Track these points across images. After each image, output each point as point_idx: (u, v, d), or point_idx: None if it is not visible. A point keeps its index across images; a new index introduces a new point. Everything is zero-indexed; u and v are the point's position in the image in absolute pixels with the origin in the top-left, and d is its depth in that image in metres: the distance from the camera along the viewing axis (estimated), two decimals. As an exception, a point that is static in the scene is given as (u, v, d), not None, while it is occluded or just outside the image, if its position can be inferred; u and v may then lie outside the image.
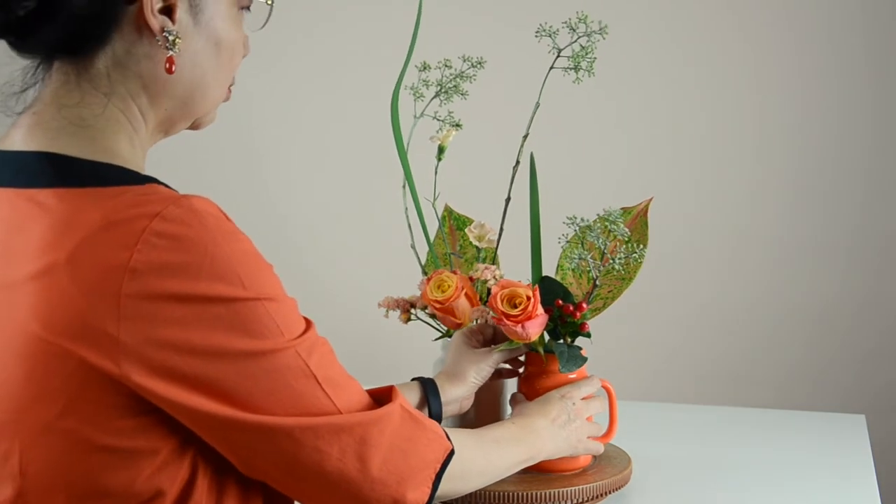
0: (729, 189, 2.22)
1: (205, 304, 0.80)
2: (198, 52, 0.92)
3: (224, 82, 0.97)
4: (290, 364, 0.85)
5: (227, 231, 0.83)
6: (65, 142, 0.86)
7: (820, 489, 1.37)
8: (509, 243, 1.44)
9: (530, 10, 1.63)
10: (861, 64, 2.14)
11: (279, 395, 0.84)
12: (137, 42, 0.89)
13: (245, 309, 0.82)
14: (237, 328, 0.81)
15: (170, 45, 0.89)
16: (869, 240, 2.16)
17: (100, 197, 0.82)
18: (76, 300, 0.78)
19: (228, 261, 0.82)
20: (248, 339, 0.82)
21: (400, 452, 0.91)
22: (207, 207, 0.84)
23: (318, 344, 0.89)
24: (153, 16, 0.88)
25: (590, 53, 1.34)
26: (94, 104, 0.89)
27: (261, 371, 0.83)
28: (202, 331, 0.80)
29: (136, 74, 0.90)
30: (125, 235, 0.79)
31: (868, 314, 2.17)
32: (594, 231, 1.30)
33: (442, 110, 1.43)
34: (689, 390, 2.19)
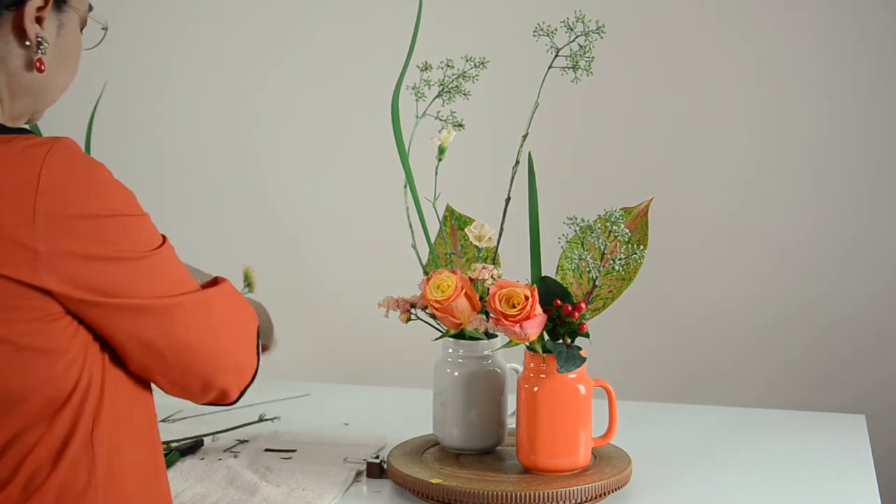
0: (729, 189, 2.22)
1: (98, 221, 0.96)
2: (53, 60, 1.06)
3: (65, 88, 1.11)
4: (162, 262, 1.03)
5: (96, 162, 0.99)
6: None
7: (820, 489, 1.37)
8: (509, 243, 1.44)
9: (528, 10, 1.63)
10: (863, 63, 2.14)
11: (157, 283, 1.02)
12: (10, 42, 1.02)
13: (126, 223, 0.99)
14: (123, 238, 0.98)
15: (41, 49, 1.03)
16: (869, 239, 2.16)
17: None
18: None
19: (105, 185, 0.98)
20: (132, 246, 0.99)
21: (236, 324, 1.11)
22: (76, 146, 0.99)
23: (171, 248, 1.07)
24: (31, 23, 1.02)
25: (588, 53, 1.34)
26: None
27: (144, 269, 1.00)
28: (98, 242, 0.96)
29: (5, 72, 1.03)
30: (29, 165, 0.93)
31: (868, 314, 2.17)
32: (594, 231, 1.30)
33: (444, 110, 1.43)
34: (688, 390, 2.19)
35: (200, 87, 2.40)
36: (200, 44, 2.41)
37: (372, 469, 1.41)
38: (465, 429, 1.41)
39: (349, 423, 1.67)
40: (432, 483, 1.30)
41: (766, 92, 2.18)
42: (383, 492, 1.37)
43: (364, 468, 1.43)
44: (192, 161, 2.42)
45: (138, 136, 2.41)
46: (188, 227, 2.44)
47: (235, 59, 2.39)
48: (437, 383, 1.43)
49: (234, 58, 2.39)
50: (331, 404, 1.82)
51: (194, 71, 2.42)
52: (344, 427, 1.66)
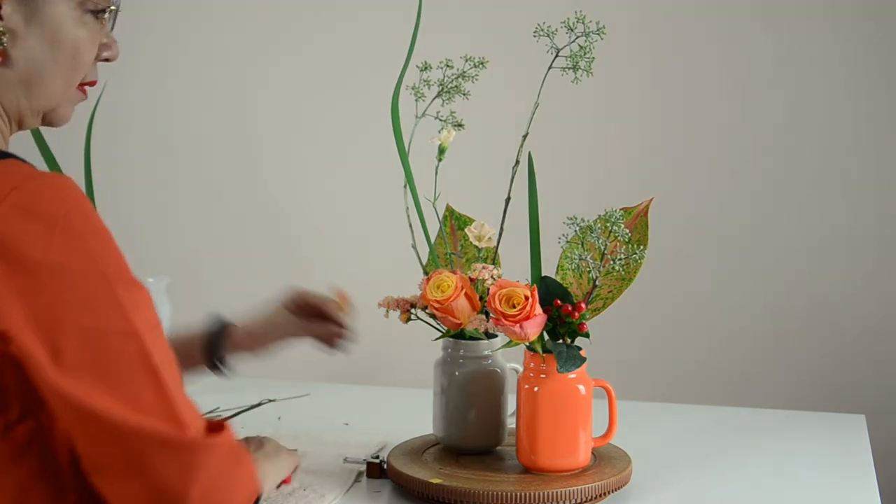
0: (729, 189, 2.22)
1: (59, 272, 0.87)
2: (33, 49, 0.97)
3: (68, 80, 1.01)
4: (132, 349, 0.90)
5: (82, 210, 0.90)
6: None
7: (820, 489, 1.37)
8: (509, 243, 1.44)
9: (528, 9, 1.63)
10: (866, 62, 2.14)
11: (115, 375, 0.89)
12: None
13: (89, 284, 0.88)
14: (80, 302, 0.88)
15: (1, 39, 0.96)
16: (869, 239, 2.16)
17: None
18: None
19: (82, 237, 0.89)
20: (90, 315, 0.88)
21: (218, 489, 0.93)
22: (64, 185, 0.91)
23: (164, 339, 0.94)
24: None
25: (588, 53, 1.34)
26: None
27: (102, 349, 0.89)
28: (52, 296, 0.87)
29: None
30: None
31: (868, 314, 2.17)
32: (594, 231, 1.30)
33: (444, 110, 1.43)
34: (688, 390, 2.19)
35: (201, 87, 2.40)
36: (201, 44, 2.41)
37: (372, 469, 1.41)
38: (464, 429, 1.41)
39: (349, 423, 1.67)
40: (432, 483, 1.30)
41: (767, 91, 2.18)
42: (383, 492, 1.37)
43: (364, 468, 1.42)
44: (192, 161, 2.42)
45: (138, 137, 2.41)
46: (188, 227, 2.44)
47: (236, 59, 2.39)
48: (437, 383, 1.43)
49: (235, 58, 2.39)
50: (331, 404, 1.82)
51: (195, 71, 2.42)
52: (344, 427, 1.66)
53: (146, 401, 0.89)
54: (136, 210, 2.38)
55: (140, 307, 0.91)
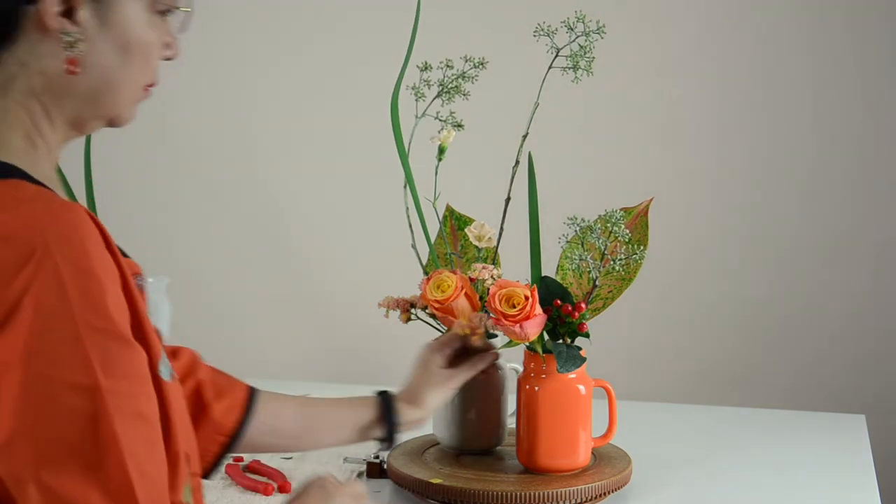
0: (728, 190, 2.21)
1: (18, 309, 0.77)
2: (104, 54, 0.91)
3: (137, 83, 0.96)
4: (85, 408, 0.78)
5: (71, 246, 0.79)
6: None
7: (820, 489, 1.37)
8: (509, 243, 1.44)
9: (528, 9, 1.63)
10: (864, 63, 2.14)
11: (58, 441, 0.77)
12: (39, 42, 0.89)
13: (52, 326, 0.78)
14: (35, 346, 0.77)
15: (69, 46, 0.89)
16: (869, 240, 2.16)
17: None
18: None
19: (56, 274, 0.78)
20: (42, 361, 0.77)
21: None
22: (59, 218, 0.80)
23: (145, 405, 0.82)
24: (52, 18, 0.88)
25: (588, 53, 1.34)
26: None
27: (46, 402, 0.77)
28: (7, 335, 0.77)
29: (39, 72, 0.90)
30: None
31: (868, 314, 2.17)
32: (595, 232, 1.30)
33: (443, 111, 1.43)
34: (689, 390, 2.19)
35: (202, 88, 2.40)
36: (201, 44, 2.40)
37: (372, 469, 1.41)
38: (465, 429, 1.41)
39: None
40: (432, 483, 1.30)
41: (767, 91, 2.18)
42: (383, 492, 1.37)
43: (364, 468, 1.42)
44: (192, 162, 2.42)
45: (137, 137, 2.41)
46: (188, 227, 2.44)
47: (236, 59, 2.39)
48: (437, 383, 1.43)
49: (235, 58, 2.39)
50: (331, 404, 1.82)
51: (195, 71, 2.41)
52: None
53: (84, 472, 0.77)
54: (136, 210, 2.37)
55: (115, 365, 0.79)
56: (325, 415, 1.30)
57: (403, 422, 1.29)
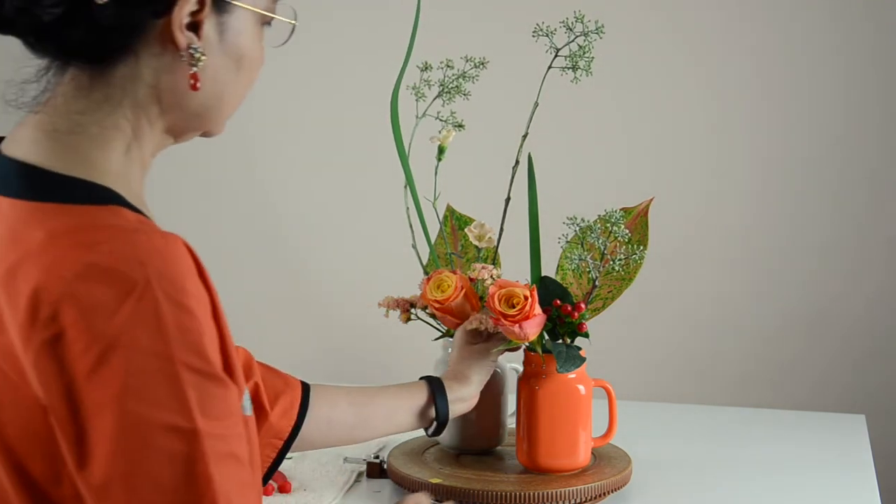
0: (728, 189, 2.21)
1: (118, 347, 0.75)
2: (221, 69, 0.90)
3: (241, 97, 0.95)
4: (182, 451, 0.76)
5: (171, 282, 0.77)
6: (46, 149, 0.85)
7: (820, 489, 1.37)
8: (509, 243, 1.44)
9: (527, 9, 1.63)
10: (867, 63, 2.14)
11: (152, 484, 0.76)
12: (160, 56, 0.86)
13: (150, 367, 0.76)
14: (134, 386, 0.75)
15: (194, 61, 0.87)
16: (869, 240, 2.16)
17: (52, 213, 0.80)
18: (2, 320, 0.77)
19: (156, 312, 0.76)
20: (140, 403, 0.75)
21: None
22: (160, 251, 0.78)
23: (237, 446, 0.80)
24: (181, 32, 0.85)
25: (587, 53, 1.34)
26: (99, 113, 0.87)
27: (141, 444, 0.75)
28: (104, 373, 0.75)
29: (153, 87, 0.87)
30: (58, 261, 0.76)
31: (868, 314, 2.17)
32: (594, 232, 1.30)
33: (444, 111, 1.43)
34: (688, 390, 2.19)
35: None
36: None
37: (372, 469, 1.41)
38: (464, 429, 1.41)
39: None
40: (432, 483, 1.30)
41: (767, 91, 2.18)
42: (383, 492, 1.37)
43: (364, 468, 1.43)
44: (191, 162, 2.41)
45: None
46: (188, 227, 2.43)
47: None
48: (437, 383, 1.43)
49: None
50: (331, 404, 1.82)
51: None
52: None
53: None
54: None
55: (211, 406, 0.77)
56: (377, 402, 1.30)
57: (454, 398, 1.30)
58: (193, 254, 0.81)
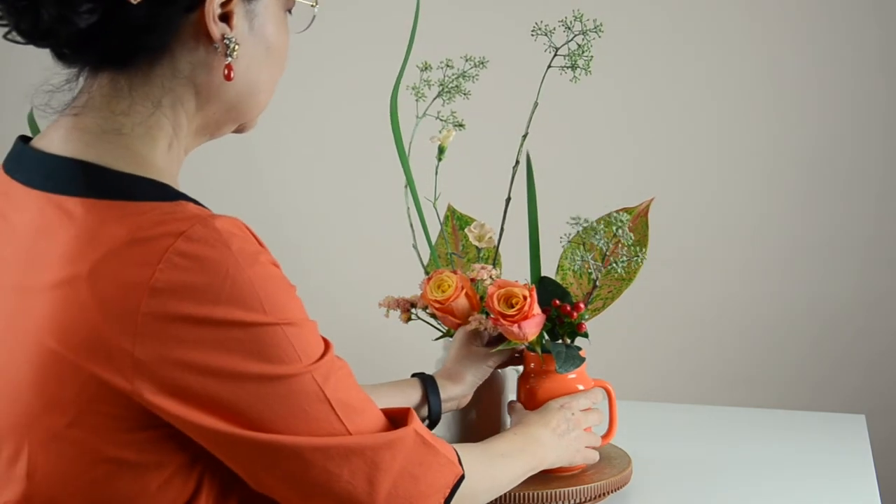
0: (729, 189, 2.22)
1: (223, 328, 0.80)
2: (252, 58, 0.91)
3: (274, 85, 0.97)
4: (305, 389, 0.85)
5: (250, 253, 0.83)
6: (101, 149, 0.86)
7: (820, 489, 1.37)
8: (509, 243, 1.44)
9: (526, 8, 1.63)
10: (872, 61, 2.14)
11: (292, 418, 0.84)
12: (194, 50, 0.88)
13: (263, 333, 0.82)
14: (254, 353, 0.82)
15: (229, 52, 0.88)
16: (870, 240, 2.16)
17: (127, 212, 0.82)
18: (94, 315, 0.79)
19: (250, 284, 0.82)
20: (265, 364, 0.82)
21: (410, 478, 0.91)
22: (232, 228, 0.84)
23: (336, 368, 0.89)
24: (214, 24, 0.87)
25: (586, 52, 1.34)
26: (142, 112, 0.88)
27: (275, 395, 0.83)
28: (218, 353, 0.80)
29: (190, 82, 0.89)
30: (148, 253, 0.79)
31: (868, 314, 2.17)
32: (597, 233, 1.30)
33: (444, 110, 1.43)
34: (688, 390, 2.19)
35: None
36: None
37: (372, 469, 1.41)
38: (465, 429, 1.41)
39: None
40: (432, 483, 1.30)
41: (767, 91, 2.18)
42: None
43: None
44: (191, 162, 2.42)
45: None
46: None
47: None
48: (436, 383, 1.43)
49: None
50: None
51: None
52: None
53: (321, 427, 0.85)
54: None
55: (310, 343, 0.86)
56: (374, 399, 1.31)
57: (447, 397, 1.29)
58: (251, 229, 0.88)
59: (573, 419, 1.26)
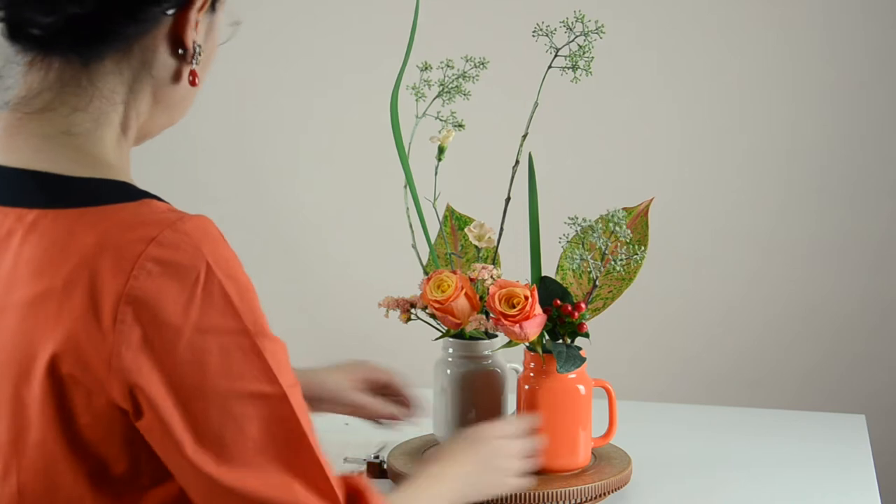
0: (729, 189, 2.22)
1: (198, 335, 0.79)
2: (203, 68, 0.92)
3: (194, 97, 0.96)
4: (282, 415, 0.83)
5: (223, 258, 0.82)
6: (51, 155, 0.85)
7: (820, 489, 1.37)
8: (509, 243, 1.44)
9: (527, 9, 1.63)
10: (864, 63, 2.14)
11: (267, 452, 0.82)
12: (159, 51, 0.88)
13: (232, 346, 0.81)
14: (224, 367, 0.80)
15: (195, 59, 0.89)
16: (870, 240, 2.16)
17: (93, 217, 0.81)
18: (70, 327, 0.78)
19: (222, 290, 0.81)
20: (234, 381, 0.81)
21: None
22: (202, 231, 0.82)
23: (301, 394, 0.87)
24: (194, 30, 0.88)
25: (587, 53, 1.34)
26: (99, 108, 0.87)
27: (248, 418, 0.81)
28: (192, 361, 0.79)
29: (148, 83, 0.89)
30: (121, 261, 0.78)
31: (868, 314, 2.17)
32: (596, 232, 1.30)
33: (444, 110, 1.43)
34: (688, 391, 2.19)
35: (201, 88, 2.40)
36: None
37: (372, 469, 1.41)
38: (464, 429, 1.41)
39: (349, 423, 1.67)
40: (432, 483, 1.30)
41: (767, 91, 2.18)
42: (383, 492, 1.36)
43: (364, 468, 1.42)
44: (191, 162, 2.42)
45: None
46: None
47: (234, 59, 2.39)
48: (436, 383, 1.43)
49: (232, 57, 2.38)
50: (331, 404, 1.81)
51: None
52: (344, 427, 1.65)
53: (298, 475, 0.83)
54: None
55: (282, 363, 0.84)
56: None
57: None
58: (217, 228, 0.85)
59: (496, 446, 1.20)
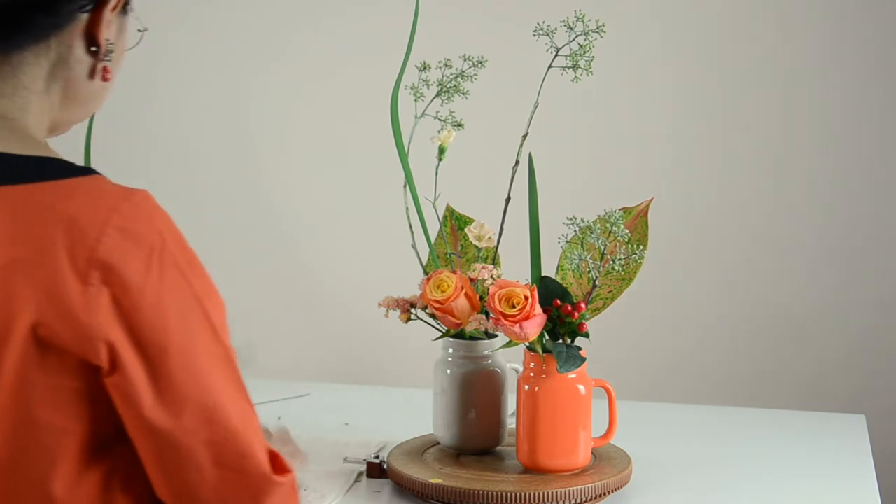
0: (729, 190, 2.21)
1: (157, 297, 0.85)
2: (114, 66, 0.98)
3: (109, 95, 1.01)
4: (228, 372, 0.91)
5: (170, 228, 0.88)
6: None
7: (820, 489, 1.37)
8: (509, 243, 1.44)
9: (527, 8, 1.63)
10: (864, 63, 2.13)
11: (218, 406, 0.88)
12: (75, 47, 0.93)
13: (185, 309, 0.88)
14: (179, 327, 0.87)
15: (107, 56, 0.95)
16: (870, 240, 2.16)
17: (53, 192, 0.85)
18: (46, 291, 0.82)
19: (172, 257, 0.87)
20: (189, 340, 0.87)
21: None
22: (153, 205, 0.88)
23: None
24: (107, 28, 0.94)
25: (588, 52, 1.34)
26: (24, 97, 0.93)
27: (203, 373, 0.88)
28: (155, 321, 0.85)
29: (64, 77, 0.94)
30: (88, 228, 0.83)
31: (869, 314, 2.17)
32: (594, 232, 1.30)
33: (443, 110, 1.43)
34: (688, 390, 2.19)
35: (200, 88, 2.40)
36: (200, 45, 2.41)
37: (372, 469, 1.41)
38: (464, 429, 1.41)
39: (349, 423, 1.67)
40: (432, 483, 1.30)
41: (767, 91, 2.18)
42: (383, 492, 1.37)
43: (364, 468, 1.43)
44: (191, 163, 2.42)
45: (135, 135, 2.41)
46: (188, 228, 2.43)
47: (234, 60, 2.39)
48: (436, 383, 1.43)
49: (234, 58, 2.39)
50: (331, 404, 1.82)
51: (194, 72, 2.42)
52: (344, 427, 1.66)
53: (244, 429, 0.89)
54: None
55: (224, 325, 0.92)
56: None
57: None
58: None
59: None
